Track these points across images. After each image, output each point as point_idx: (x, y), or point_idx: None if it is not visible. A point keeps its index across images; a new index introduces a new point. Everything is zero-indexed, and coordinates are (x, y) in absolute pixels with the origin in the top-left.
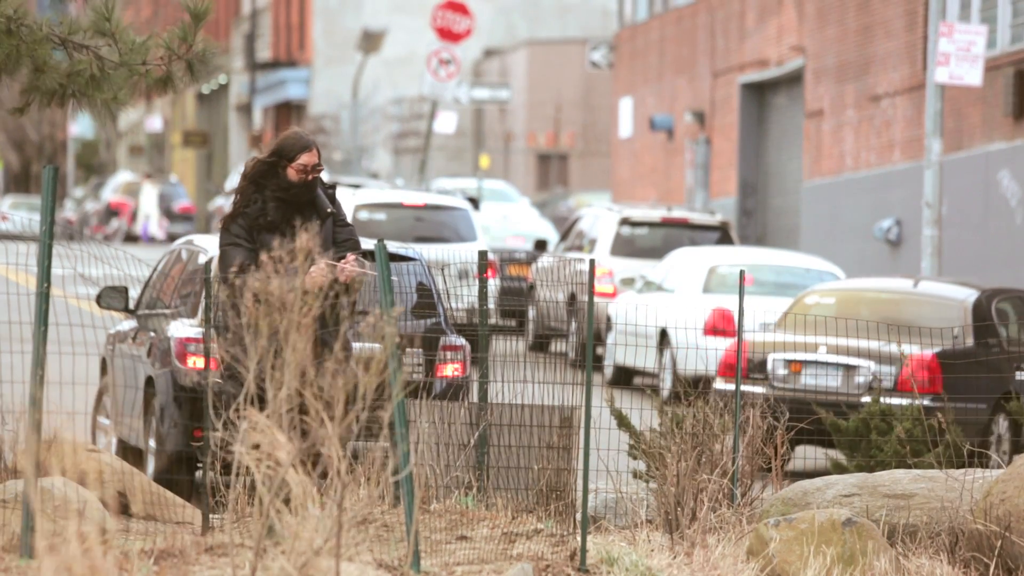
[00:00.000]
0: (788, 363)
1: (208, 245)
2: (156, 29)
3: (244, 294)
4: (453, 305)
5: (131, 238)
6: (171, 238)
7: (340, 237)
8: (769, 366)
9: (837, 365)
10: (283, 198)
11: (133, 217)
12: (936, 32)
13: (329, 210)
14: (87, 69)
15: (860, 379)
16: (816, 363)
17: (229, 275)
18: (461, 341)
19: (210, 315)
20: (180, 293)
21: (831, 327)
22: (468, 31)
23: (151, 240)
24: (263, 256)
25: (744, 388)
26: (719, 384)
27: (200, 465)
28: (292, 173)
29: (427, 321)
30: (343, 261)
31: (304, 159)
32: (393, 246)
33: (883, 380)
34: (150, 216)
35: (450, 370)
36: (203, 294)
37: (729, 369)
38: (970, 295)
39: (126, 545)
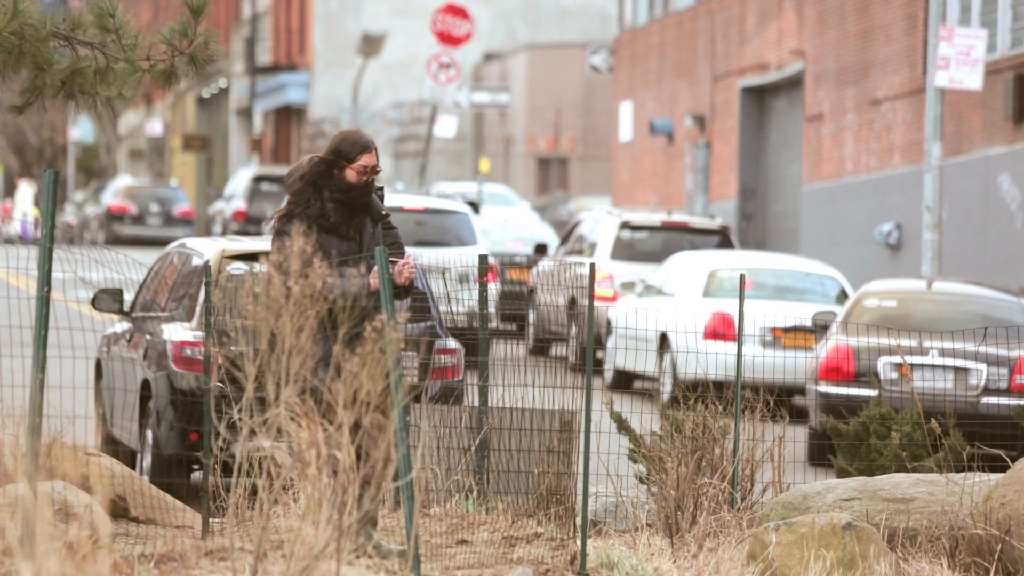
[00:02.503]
0: (898, 366)
1: (202, 248)
2: (158, 28)
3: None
4: (453, 309)
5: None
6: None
7: (388, 240)
8: (879, 370)
9: (949, 368)
10: (341, 199)
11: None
12: (936, 36)
13: (384, 212)
14: (91, 66)
15: (973, 381)
16: (929, 367)
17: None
18: (455, 344)
19: (210, 318)
20: (175, 296)
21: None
22: (468, 35)
23: (33, 240)
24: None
25: (854, 392)
26: (821, 387)
27: (195, 468)
28: (351, 174)
29: (422, 324)
30: (400, 263)
31: (364, 160)
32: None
33: (997, 382)
34: (27, 215)
35: (445, 373)
36: (201, 296)
37: (831, 372)
38: (1015, 294)
39: (126, 549)
